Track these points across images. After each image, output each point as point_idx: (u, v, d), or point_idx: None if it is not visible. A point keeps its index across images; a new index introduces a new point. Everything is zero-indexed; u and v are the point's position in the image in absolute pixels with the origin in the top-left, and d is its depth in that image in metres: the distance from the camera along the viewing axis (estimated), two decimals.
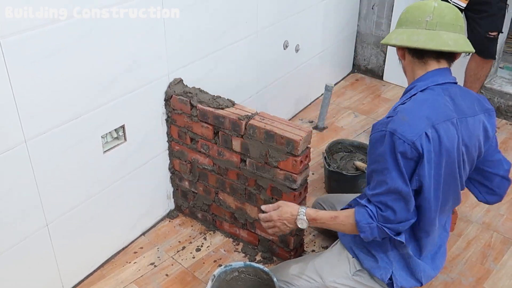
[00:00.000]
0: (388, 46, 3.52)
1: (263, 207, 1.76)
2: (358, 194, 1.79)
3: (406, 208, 1.49)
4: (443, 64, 1.58)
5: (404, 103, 1.54)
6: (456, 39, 1.53)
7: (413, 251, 1.65)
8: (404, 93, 1.62)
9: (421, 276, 1.67)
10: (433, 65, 1.57)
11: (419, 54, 1.56)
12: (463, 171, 1.58)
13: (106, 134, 1.97)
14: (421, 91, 1.55)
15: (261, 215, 1.75)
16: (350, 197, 1.97)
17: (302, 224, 1.66)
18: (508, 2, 2.74)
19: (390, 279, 1.66)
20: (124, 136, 2.03)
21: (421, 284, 1.68)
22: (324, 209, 2.21)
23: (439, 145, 1.47)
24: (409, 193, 1.47)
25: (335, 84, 3.62)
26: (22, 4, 1.49)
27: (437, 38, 1.52)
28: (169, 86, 2.12)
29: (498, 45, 3.16)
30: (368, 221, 1.52)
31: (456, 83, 1.60)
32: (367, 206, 1.53)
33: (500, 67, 3.43)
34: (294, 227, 1.69)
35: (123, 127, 2.01)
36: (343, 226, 1.60)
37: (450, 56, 1.58)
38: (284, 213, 1.69)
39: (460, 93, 1.58)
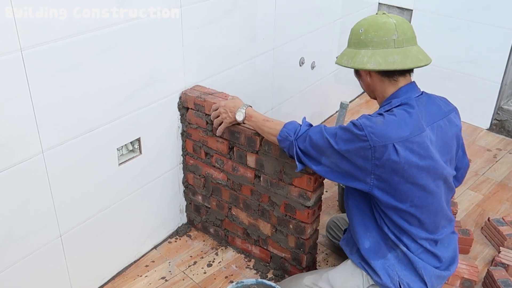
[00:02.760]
0: None
1: (215, 104, 1.96)
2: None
3: (322, 160, 1.62)
4: (409, 78, 1.65)
5: (381, 114, 1.58)
6: (420, 51, 1.62)
7: (409, 249, 1.65)
8: (379, 108, 1.66)
9: (423, 273, 1.65)
10: (402, 81, 1.63)
11: (390, 74, 1.61)
12: (447, 176, 1.64)
13: (122, 146, 1.98)
14: (395, 106, 1.59)
15: (213, 105, 1.96)
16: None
17: (239, 116, 1.87)
18: None
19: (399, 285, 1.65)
20: (140, 149, 2.04)
21: (425, 283, 1.66)
22: (338, 226, 2.20)
23: (409, 159, 1.51)
24: (332, 166, 1.60)
25: (350, 102, 3.61)
26: (43, 17, 1.51)
27: (410, 56, 1.57)
28: (185, 100, 2.13)
29: None
30: (289, 133, 1.69)
31: (423, 93, 1.66)
32: (302, 125, 1.70)
33: None
34: (233, 117, 1.89)
35: (138, 140, 2.02)
36: (269, 129, 1.79)
37: (412, 69, 1.64)
38: (231, 102, 1.92)
39: (428, 101, 1.64)
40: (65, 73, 1.63)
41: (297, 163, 1.70)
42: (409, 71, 1.64)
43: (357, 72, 1.70)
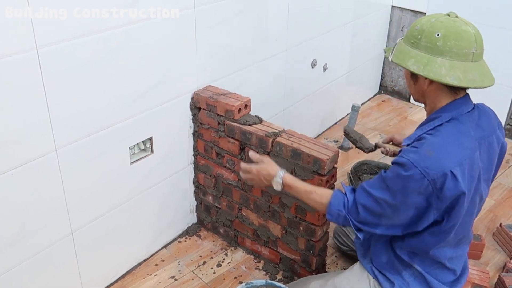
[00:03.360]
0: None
1: (250, 152, 1.79)
2: None
3: (375, 224, 1.51)
4: (464, 90, 1.52)
5: (429, 134, 1.48)
6: (487, 67, 1.49)
7: (423, 268, 1.61)
8: (427, 121, 1.54)
9: None
10: (460, 94, 1.51)
11: (453, 86, 1.46)
12: (483, 193, 1.57)
13: (134, 145, 1.99)
14: (446, 121, 1.48)
15: (243, 165, 1.77)
16: None
17: (277, 186, 1.69)
18: None
19: None
20: (151, 148, 2.05)
21: None
22: (345, 232, 2.19)
23: (468, 182, 1.43)
24: (391, 220, 1.48)
25: (362, 104, 3.60)
26: (57, 16, 1.53)
27: (485, 72, 1.45)
28: (197, 100, 2.14)
29: None
30: (339, 208, 1.55)
31: (474, 106, 1.55)
32: (346, 196, 1.55)
33: None
34: (269, 185, 1.72)
35: (150, 139, 2.03)
36: (314, 202, 1.63)
37: None
38: (264, 169, 1.72)
39: (480, 115, 1.54)
40: (78, 72, 1.65)
41: (357, 234, 1.56)
42: None
43: (414, 75, 1.50)
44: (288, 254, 2.15)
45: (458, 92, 1.50)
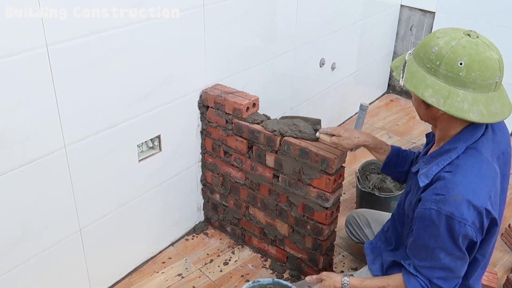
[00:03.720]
0: None
1: (307, 278, 1.73)
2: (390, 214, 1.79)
3: (457, 276, 1.46)
4: None
5: (449, 172, 1.39)
6: (506, 93, 1.41)
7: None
8: (442, 153, 1.44)
9: None
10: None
11: None
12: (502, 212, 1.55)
13: (142, 143, 2.00)
14: (462, 152, 1.40)
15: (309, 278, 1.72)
16: (385, 216, 1.96)
17: None
18: None
19: None
20: (160, 146, 2.05)
21: None
22: (358, 223, 2.16)
23: (495, 212, 1.40)
24: (464, 266, 1.44)
25: (370, 104, 3.59)
26: (69, 14, 1.54)
27: (505, 101, 1.36)
28: (205, 99, 2.14)
29: None
30: None
31: (487, 126, 1.44)
32: (418, 277, 1.47)
33: None
34: None
35: (158, 137, 2.03)
36: None
37: None
38: (327, 286, 1.64)
39: (493, 130, 1.47)
40: (87, 70, 1.66)
41: None
42: None
43: (428, 104, 1.36)
44: (295, 253, 2.15)
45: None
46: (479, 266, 1.53)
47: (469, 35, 1.32)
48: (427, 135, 1.71)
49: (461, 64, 1.28)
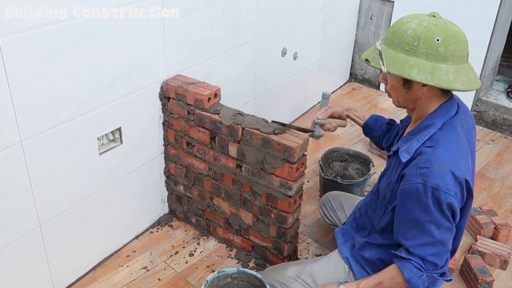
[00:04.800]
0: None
1: None
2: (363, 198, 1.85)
3: (447, 250, 1.51)
4: (451, 92, 1.54)
5: (430, 147, 1.46)
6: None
7: None
8: (420, 130, 1.51)
9: None
10: (449, 95, 1.52)
11: (447, 90, 1.47)
12: None
13: (103, 136, 1.96)
14: (439, 128, 1.48)
15: None
16: (357, 199, 2.03)
17: None
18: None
19: None
20: (121, 138, 2.03)
21: None
22: (332, 206, 2.17)
23: (473, 183, 1.48)
24: (452, 236, 1.49)
25: (332, 93, 3.63)
26: (22, 4, 1.49)
27: (474, 72, 1.45)
28: (166, 90, 2.12)
29: (494, 57, 3.19)
30: (419, 274, 1.49)
31: (458, 105, 1.55)
32: (410, 259, 1.49)
33: (496, 80, 3.45)
34: None
35: (119, 129, 2.01)
36: (392, 286, 1.56)
37: None
38: None
39: (463, 112, 1.55)
40: (43, 62, 1.61)
41: (446, 279, 1.55)
42: None
43: (407, 82, 1.45)
44: (260, 242, 2.16)
45: (448, 94, 1.51)
46: (455, 242, 1.59)
47: (434, 16, 1.44)
48: (402, 121, 1.79)
49: (438, 40, 1.37)
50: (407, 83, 1.46)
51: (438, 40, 1.37)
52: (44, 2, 1.55)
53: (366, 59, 1.51)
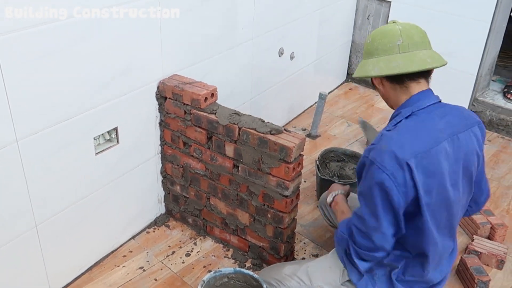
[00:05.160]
0: None
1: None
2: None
3: (364, 232, 1.53)
4: (424, 84, 1.57)
5: (388, 130, 1.54)
6: (431, 55, 1.54)
7: (399, 273, 1.63)
8: (390, 119, 1.61)
9: None
10: (415, 88, 1.56)
11: (399, 80, 1.55)
12: (461, 190, 1.56)
13: (99, 136, 1.96)
14: (406, 117, 1.54)
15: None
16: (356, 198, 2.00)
17: (329, 199, 1.92)
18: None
19: None
20: (117, 138, 2.02)
21: None
22: (324, 211, 2.18)
23: (426, 173, 1.45)
24: (383, 229, 1.49)
25: (329, 93, 3.63)
26: (21, 3, 1.49)
27: (415, 59, 1.51)
28: (163, 90, 2.12)
29: (490, 58, 3.20)
30: (343, 231, 1.63)
31: (440, 101, 1.59)
32: (351, 219, 1.61)
33: (492, 80, 3.46)
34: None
35: (116, 129, 2.00)
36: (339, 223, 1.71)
37: (427, 74, 1.58)
38: (334, 186, 1.99)
39: (447, 110, 1.57)
40: (39, 61, 1.61)
41: (358, 262, 1.60)
42: (422, 76, 1.56)
43: (372, 83, 1.65)
44: (257, 242, 2.16)
45: (408, 85, 1.55)
46: (419, 244, 1.55)
47: (394, 22, 1.61)
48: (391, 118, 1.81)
49: (369, 40, 1.61)
50: (372, 82, 1.66)
51: (369, 40, 1.61)
52: (43, 2, 1.54)
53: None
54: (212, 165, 2.11)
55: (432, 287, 1.69)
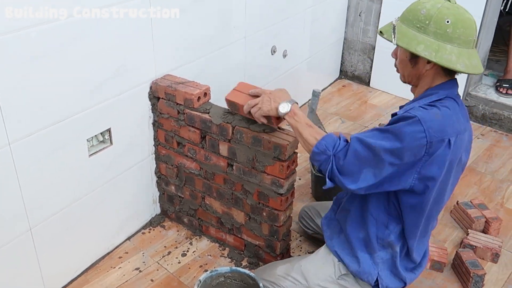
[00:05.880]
0: (376, 50, 3.55)
1: (251, 90, 1.84)
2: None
3: (363, 172, 1.51)
4: (454, 75, 1.59)
5: (432, 105, 1.51)
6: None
7: (401, 251, 1.66)
8: (422, 97, 1.57)
9: (405, 276, 1.68)
10: (452, 77, 1.57)
11: (451, 70, 1.52)
12: (456, 181, 1.64)
13: (92, 137, 1.95)
14: (443, 98, 1.53)
15: (253, 90, 1.82)
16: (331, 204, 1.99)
17: (284, 108, 1.68)
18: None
19: (376, 281, 1.67)
20: (110, 139, 2.01)
21: (405, 284, 1.70)
22: (309, 216, 2.21)
23: (455, 155, 1.49)
24: (382, 174, 1.49)
25: (322, 90, 3.63)
26: (9, 4, 1.48)
27: (478, 59, 1.51)
28: (156, 90, 2.11)
29: (482, 52, 3.21)
30: (328, 147, 1.55)
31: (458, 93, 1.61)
32: (340, 139, 1.56)
33: (484, 74, 3.48)
34: (275, 108, 1.70)
35: (109, 130, 1.99)
36: (308, 135, 1.62)
37: None
38: (278, 92, 1.74)
39: (462, 102, 1.61)
40: (31, 64, 1.60)
41: (327, 180, 1.57)
42: None
43: (414, 58, 1.54)
44: (253, 240, 2.16)
45: (452, 75, 1.56)
46: (418, 220, 1.59)
47: (449, 0, 1.51)
48: (401, 107, 1.79)
49: (448, 22, 1.45)
50: (414, 58, 1.53)
51: (448, 21, 1.45)
52: (34, 3, 1.53)
53: (380, 31, 1.58)
54: (207, 164, 2.11)
55: (419, 265, 1.74)
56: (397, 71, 1.64)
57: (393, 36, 1.52)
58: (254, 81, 2.82)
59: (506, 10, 3.67)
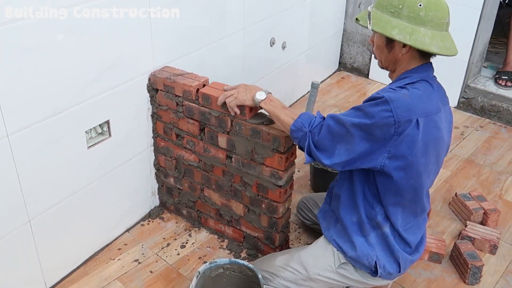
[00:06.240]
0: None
1: (225, 87, 1.92)
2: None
3: (337, 148, 1.57)
4: (429, 59, 1.63)
5: (403, 88, 1.55)
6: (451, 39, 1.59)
7: (392, 232, 1.68)
8: (397, 80, 1.61)
9: (399, 256, 1.69)
10: (427, 60, 1.62)
11: (426, 53, 1.56)
12: (443, 157, 1.68)
13: (91, 129, 1.95)
14: (417, 81, 1.57)
15: (228, 86, 1.91)
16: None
17: (260, 95, 1.78)
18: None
19: (375, 266, 1.68)
20: (109, 131, 2.01)
21: (399, 266, 1.70)
22: (308, 207, 2.22)
23: (427, 135, 1.52)
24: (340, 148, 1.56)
25: (321, 82, 3.63)
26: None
27: (452, 42, 1.56)
28: (154, 82, 2.10)
29: (482, 44, 3.20)
30: (304, 124, 1.63)
31: (435, 76, 1.65)
32: (316, 116, 1.64)
33: (484, 67, 3.47)
34: (251, 97, 1.79)
35: (107, 122, 1.99)
36: (285, 117, 1.70)
37: None
38: (253, 85, 1.86)
39: (438, 85, 1.65)
40: (28, 55, 1.59)
41: (306, 155, 1.64)
42: None
43: (389, 43, 1.57)
44: (252, 232, 2.17)
45: (427, 59, 1.60)
46: (396, 201, 1.62)
47: None
48: None
49: (420, 5, 1.49)
50: (390, 43, 1.58)
51: (420, 5, 1.49)
52: None
53: (356, 18, 1.62)
54: (205, 156, 2.11)
55: (416, 252, 1.75)
56: (375, 57, 1.68)
57: (368, 22, 1.57)
58: (253, 73, 2.82)
59: (506, 1, 3.66)
